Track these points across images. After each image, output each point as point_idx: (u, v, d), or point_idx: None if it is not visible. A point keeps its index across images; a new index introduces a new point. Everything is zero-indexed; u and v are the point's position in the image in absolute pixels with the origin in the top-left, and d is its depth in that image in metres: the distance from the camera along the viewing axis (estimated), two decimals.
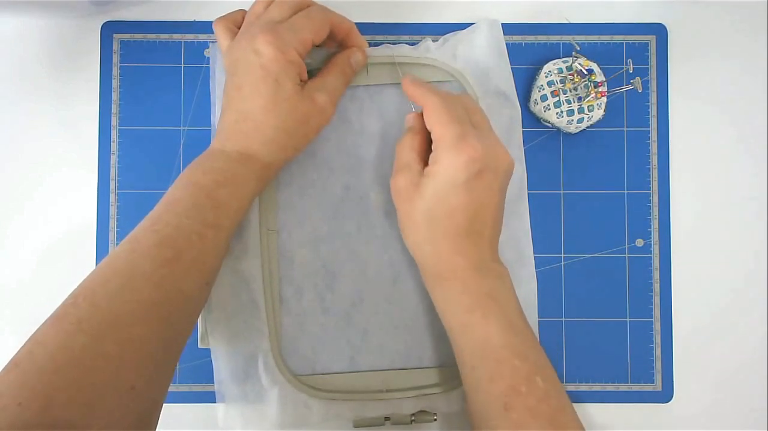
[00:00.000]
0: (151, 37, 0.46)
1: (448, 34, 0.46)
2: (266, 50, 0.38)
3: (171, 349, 0.36)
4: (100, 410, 0.31)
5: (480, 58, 0.45)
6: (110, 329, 0.32)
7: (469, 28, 0.45)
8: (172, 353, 0.37)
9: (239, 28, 0.41)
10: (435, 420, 0.44)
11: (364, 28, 0.46)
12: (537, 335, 0.43)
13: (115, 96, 0.46)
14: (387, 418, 0.43)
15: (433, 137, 0.39)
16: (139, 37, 0.46)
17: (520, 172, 0.45)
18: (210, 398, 0.44)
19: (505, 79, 0.45)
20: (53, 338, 0.32)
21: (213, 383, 0.44)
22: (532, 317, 0.45)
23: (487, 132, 0.40)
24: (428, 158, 0.39)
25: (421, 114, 0.40)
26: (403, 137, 0.41)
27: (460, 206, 0.38)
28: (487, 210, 0.39)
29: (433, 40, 0.46)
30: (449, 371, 0.45)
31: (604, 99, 0.44)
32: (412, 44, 0.46)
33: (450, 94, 0.40)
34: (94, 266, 0.45)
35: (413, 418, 0.43)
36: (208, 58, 0.46)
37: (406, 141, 0.41)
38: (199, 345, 0.44)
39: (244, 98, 0.39)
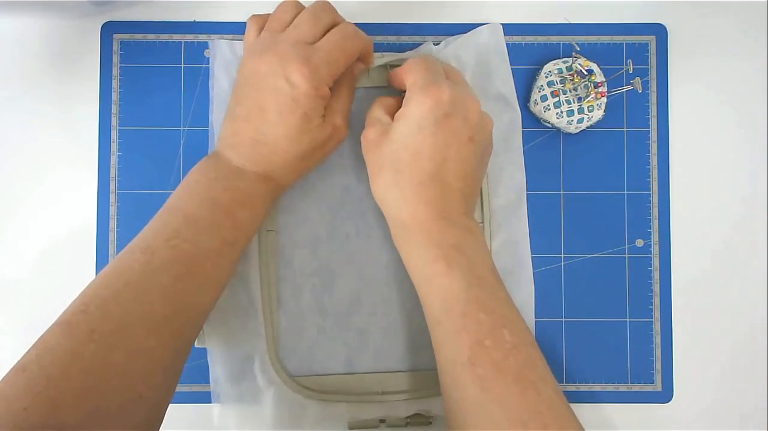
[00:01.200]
0: (151, 37, 0.46)
1: (450, 38, 0.46)
2: (301, 84, 0.37)
3: (179, 358, 0.37)
4: (106, 417, 0.31)
5: (481, 61, 0.45)
6: (121, 340, 0.33)
7: (471, 31, 0.45)
8: (180, 361, 0.37)
9: None
10: (430, 423, 0.44)
11: (364, 28, 0.46)
12: (534, 335, 0.43)
13: (115, 96, 0.46)
14: (382, 420, 0.43)
15: (406, 86, 0.39)
16: (139, 37, 0.46)
17: (519, 178, 0.45)
18: (207, 398, 0.44)
19: (505, 82, 0.45)
20: (63, 345, 0.32)
21: (209, 383, 0.44)
22: (529, 319, 0.45)
23: (462, 86, 0.40)
24: None
25: (397, 74, 0.41)
26: (378, 98, 0.42)
27: (425, 149, 0.37)
28: (455, 160, 0.38)
29: (435, 43, 0.46)
30: None
31: (604, 99, 0.44)
32: (413, 45, 0.46)
33: (430, 55, 0.41)
34: (94, 267, 0.45)
35: (408, 421, 0.43)
36: (208, 58, 0.46)
37: (378, 100, 0.42)
38: (196, 345, 0.44)
39: (267, 122, 0.39)
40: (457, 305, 0.36)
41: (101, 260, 0.45)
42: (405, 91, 0.40)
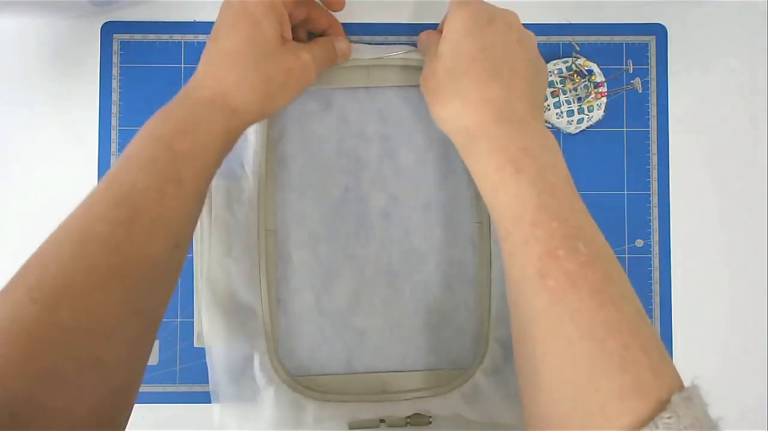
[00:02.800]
0: (151, 37, 0.46)
1: None
2: None
3: (142, 319, 0.33)
4: (62, 384, 0.29)
5: None
6: (63, 297, 0.29)
7: None
8: (145, 323, 0.33)
9: None
10: (430, 423, 0.43)
11: (364, 28, 0.46)
12: None
13: (115, 96, 0.46)
14: (382, 420, 0.43)
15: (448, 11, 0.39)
16: (139, 37, 0.46)
17: None
18: (207, 398, 0.44)
19: None
20: (2, 307, 0.29)
21: (209, 383, 0.44)
22: None
23: (497, 7, 0.39)
24: None
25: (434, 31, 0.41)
26: (423, 52, 0.42)
27: (477, 50, 0.36)
28: (511, 59, 0.37)
29: None
30: (445, 374, 0.45)
31: (604, 99, 0.44)
32: (413, 45, 0.46)
33: None
34: None
35: (408, 421, 0.43)
36: None
37: (425, 50, 0.41)
38: (195, 344, 0.44)
39: (219, 40, 0.37)
40: (526, 213, 0.33)
41: None
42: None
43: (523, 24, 0.46)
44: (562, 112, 0.44)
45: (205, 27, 0.46)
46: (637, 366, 0.29)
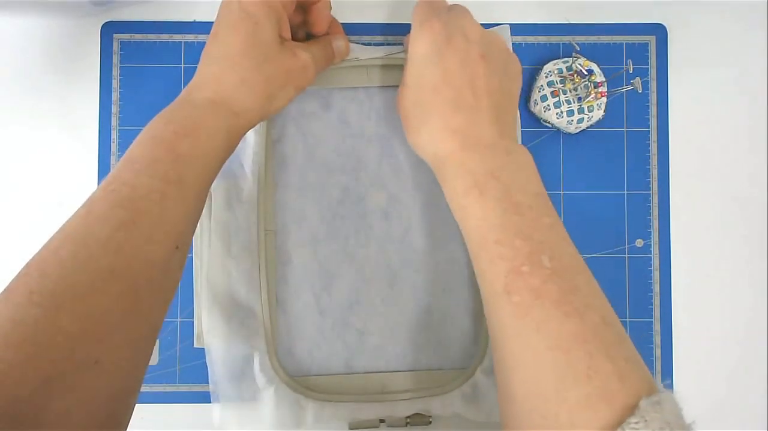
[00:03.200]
0: (151, 37, 0.46)
1: None
2: None
3: (142, 321, 0.33)
4: (62, 387, 0.28)
5: None
6: (64, 299, 0.29)
7: None
8: (145, 325, 0.33)
9: None
10: (430, 422, 0.43)
11: (364, 28, 0.46)
12: None
13: (115, 96, 0.46)
14: (382, 420, 0.43)
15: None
16: (139, 37, 0.46)
17: None
18: (207, 398, 0.44)
19: None
20: (3, 311, 0.29)
21: (209, 383, 0.44)
22: None
23: (458, 14, 0.39)
24: None
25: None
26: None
27: (440, 79, 0.37)
28: (474, 78, 0.37)
29: None
30: (445, 374, 0.45)
31: (604, 99, 0.44)
32: None
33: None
34: None
35: (408, 420, 0.43)
36: None
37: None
38: (195, 345, 0.44)
39: (218, 41, 0.37)
40: (490, 233, 0.34)
41: None
42: None
43: (523, 24, 0.46)
44: (562, 112, 0.44)
45: (205, 27, 0.46)
46: (602, 374, 0.30)
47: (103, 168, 0.46)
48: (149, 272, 0.32)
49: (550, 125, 0.45)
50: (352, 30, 0.46)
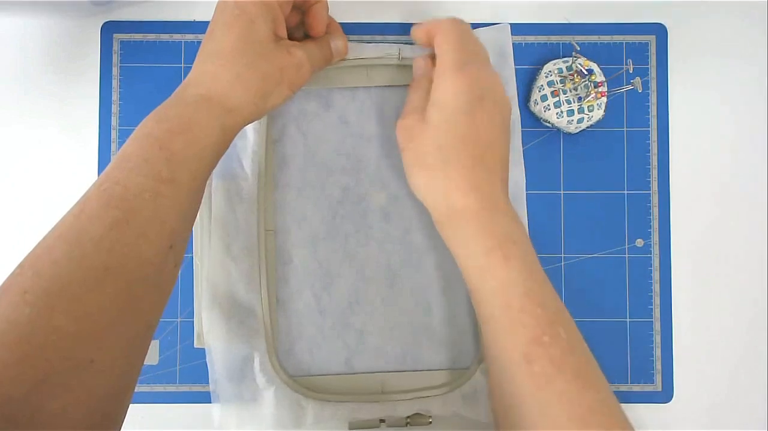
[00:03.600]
0: (151, 37, 0.46)
1: None
2: None
3: (137, 320, 0.33)
4: (57, 387, 0.29)
5: None
6: (58, 299, 0.29)
7: (479, 29, 0.45)
8: (140, 324, 0.33)
9: None
10: (430, 422, 0.43)
11: (365, 28, 0.46)
12: None
13: (115, 96, 0.46)
14: (382, 420, 0.43)
15: (437, 61, 0.39)
16: (139, 37, 0.46)
17: (519, 178, 0.45)
18: (207, 398, 0.44)
19: (507, 84, 0.45)
20: None
21: (209, 383, 0.44)
22: None
23: (488, 66, 0.40)
24: None
25: (431, 56, 0.41)
26: (413, 81, 0.42)
27: (469, 134, 0.37)
28: (495, 144, 0.38)
29: None
30: (445, 374, 0.45)
31: (604, 99, 0.44)
32: (411, 44, 0.46)
33: (463, 22, 0.40)
34: None
35: (408, 420, 0.43)
36: None
37: (416, 84, 0.41)
38: (195, 345, 0.44)
39: (214, 39, 0.37)
40: (514, 300, 0.34)
41: None
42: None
43: (523, 24, 0.46)
44: (562, 112, 0.44)
45: (205, 27, 0.46)
46: None
47: (103, 168, 0.45)
48: (143, 270, 0.32)
49: (550, 125, 0.45)
50: (353, 30, 0.46)
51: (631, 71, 0.44)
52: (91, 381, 0.30)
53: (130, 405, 0.34)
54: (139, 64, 0.46)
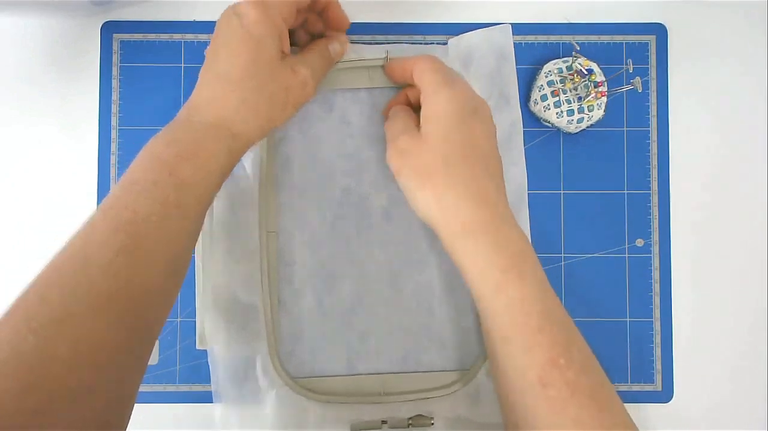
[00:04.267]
0: (151, 37, 0.46)
1: (455, 38, 0.45)
2: (249, 11, 0.36)
3: (136, 344, 0.33)
4: (51, 415, 0.28)
5: (486, 61, 0.45)
6: (62, 326, 0.29)
7: (480, 30, 0.45)
8: (139, 348, 0.33)
9: None
10: (432, 424, 0.43)
11: (366, 28, 0.46)
12: None
13: (115, 96, 0.46)
14: (384, 422, 0.43)
15: (423, 86, 0.39)
16: (139, 37, 0.46)
17: (520, 178, 0.45)
18: (208, 398, 0.44)
19: (509, 84, 0.45)
20: (2, 337, 0.29)
21: (210, 383, 0.44)
22: None
23: (468, 86, 0.41)
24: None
25: (407, 88, 0.42)
26: (387, 115, 0.42)
27: (469, 143, 0.37)
28: (493, 153, 0.38)
29: (442, 42, 0.46)
30: (447, 375, 0.45)
31: (604, 99, 0.44)
32: (411, 43, 0.46)
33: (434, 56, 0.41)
34: None
35: (410, 422, 0.43)
36: None
37: (392, 114, 0.41)
38: (198, 346, 0.44)
39: (219, 61, 0.37)
40: (531, 319, 0.34)
41: None
42: (406, 87, 0.41)
43: (523, 24, 0.46)
44: (562, 111, 0.44)
45: (205, 27, 0.46)
46: None
47: (103, 168, 0.46)
48: (147, 297, 0.33)
49: (550, 125, 0.45)
50: (353, 30, 0.46)
51: (631, 71, 0.44)
52: (87, 407, 0.30)
53: None
54: (139, 64, 0.46)
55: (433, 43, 0.46)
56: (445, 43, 0.46)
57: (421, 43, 0.46)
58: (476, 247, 0.36)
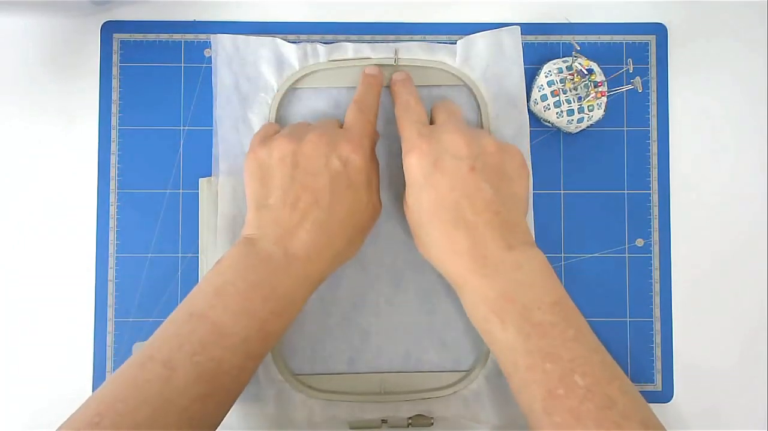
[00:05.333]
0: (151, 37, 0.46)
1: (463, 39, 0.45)
2: (354, 159, 0.38)
3: None
4: None
5: (494, 64, 0.45)
6: None
7: (489, 31, 0.45)
8: None
9: None
10: (432, 424, 0.43)
11: (367, 27, 0.46)
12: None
13: (115, 96, 0.46)
14: (384, 421, 0.43)
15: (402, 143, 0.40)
16: (139, 37, 0.46)
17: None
18: None
19: (517, 86, 0.45)
20: None
21: None
22: None
23: (444, 125, 0.40)
24: None
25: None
26: None
27: (433, 201, 0.37)
28: (467, 196, 0.37)
29: (451, 42, 0.46)
30: (447, 375, 0.44)
31: (604, 99, 0.44)
32: (410, 43, 0.46)
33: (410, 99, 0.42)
34: (93, 267, 0.45)
35: (410, 421, 0.43)
36: (209, 57, 0.46)
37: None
38: None
39: (320, 207, 0.37)
40: (520, 360, 0.35)
41: (101, 260, 0.45)
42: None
43: (523, 24, 0.46)
44: (562, 111, 0.44)
45: (205, 27, 0.46)
46: None
47: (103, 168, 0.46)
48: None
49: (550, 125, 0.45)
50: (353, 30, 0.46)
51: (631, 71, 0.44)
52: None
53: None
54: (139, 64, 0.46)
55: (438, 43, 0.46)
56: (454, 43, 0.45)
57: (420, 42, 0.46)
58: (462, 296, 0.38)
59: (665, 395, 0.45)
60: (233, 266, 0.37)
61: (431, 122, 0.42)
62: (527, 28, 0.46)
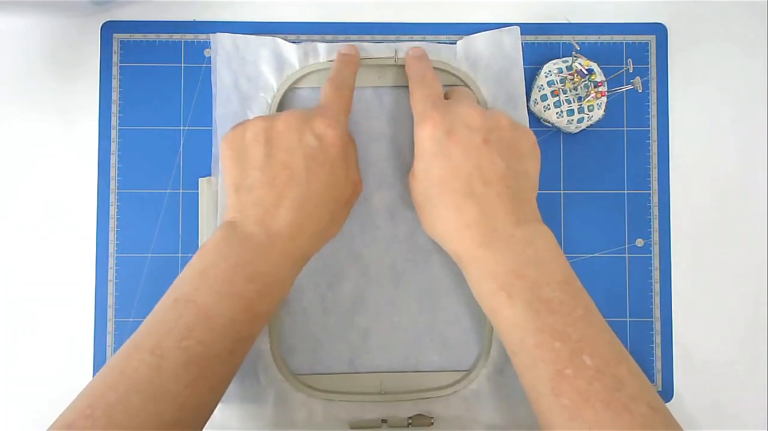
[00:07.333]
0: (151, 37, 0.46)
1: (463, 39, 0.45)
2: (328, 133, 0.37)
3: None
4: None
5: (494, 64, 0.45)
6: None
7: (489, 32, 0.45)
8: None
9: None
10: (432, 424, 0.43)
11: (367, 27, 0.46)
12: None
13: (115, 96, 0.46)
14: (384, 421, 0.43)
15: (414, 117, 0.40)
16: (139, 37, 0.46)
17: None
18: None
19: (516, 87, 0.45)
20: None
21: None
22: None
23: (459, 100, 0.40)
24: None
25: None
26: None
27: (445, 171, 0.37)
28: (479, 167, 0.36)
29: (451, 42, 0.46)
30: (448, 375, 0.44)
31: (604, 99, 0.44)
32: (411, 43, 0.46)
33: (420, 59, 0.42)
34: (93, 267, 0.45)
35: (410, 421, 0.43)
36: (209, 57, 0.46)
37: None
38: None
39: (296, 182, 0.36)
40: (528, 338, 0.34)
41: (101, 260, 0.45)
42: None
43: (523, 24, 0.46)
44: (562, 111, 0.44)
45: (205, 27, 0.46)
46: None
47: (103, 168, 0.46)
48: (203, 417, 0.35)
49: (550, 125, 0.45)
50: (353, 30, 0.46)
51: (631, 71, 0.44)
52: None
53: None
54: (139, 64, 0.46)
55: (438, 43, 0.46)
56: (454, 43, 0.45)
57: (420, 42, 0.46)
58: (469, 273, 0.38)
59: (665, 394, 0.45)
60: (215, 250, 0.36)
61: None
62: (527, 28, 0.46)
